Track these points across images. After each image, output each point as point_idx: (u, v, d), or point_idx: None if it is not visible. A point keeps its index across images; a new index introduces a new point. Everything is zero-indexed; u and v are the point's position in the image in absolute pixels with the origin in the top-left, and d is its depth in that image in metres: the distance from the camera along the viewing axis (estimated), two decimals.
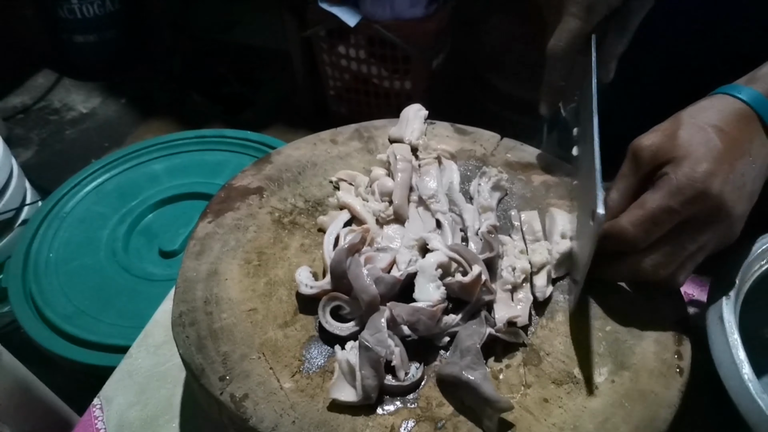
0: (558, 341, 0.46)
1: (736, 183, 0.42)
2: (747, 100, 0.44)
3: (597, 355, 0.45)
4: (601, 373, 0.44)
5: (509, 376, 0.44)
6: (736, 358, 0.42)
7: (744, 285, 0.48)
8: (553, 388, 0.43)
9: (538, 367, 0.45)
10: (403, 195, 0.55)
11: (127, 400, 0.55)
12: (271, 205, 0.57)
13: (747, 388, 0.41)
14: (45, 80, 2.21)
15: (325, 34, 1.60)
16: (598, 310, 0.48)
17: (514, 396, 0.43)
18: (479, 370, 0.42)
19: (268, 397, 0.43)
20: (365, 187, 0.58)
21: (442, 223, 0.53)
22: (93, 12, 2.03)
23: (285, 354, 0.46)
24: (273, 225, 0.56)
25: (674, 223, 0.42)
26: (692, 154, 0.42)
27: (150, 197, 1.08)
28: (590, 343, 0.46)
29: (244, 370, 0.44)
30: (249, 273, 0.52)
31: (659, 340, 0.46)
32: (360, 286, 0.46)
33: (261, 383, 0.44)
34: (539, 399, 0.43)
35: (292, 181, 0.60)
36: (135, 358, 0.59)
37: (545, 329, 0.47)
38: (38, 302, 0.92)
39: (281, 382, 0.44)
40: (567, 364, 0.45)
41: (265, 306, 0.49)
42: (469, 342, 0.43)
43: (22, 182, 1.34)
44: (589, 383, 0.43)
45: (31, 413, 0.80)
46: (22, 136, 2.00)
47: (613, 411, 0.42)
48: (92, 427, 0.54)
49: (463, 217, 0.54)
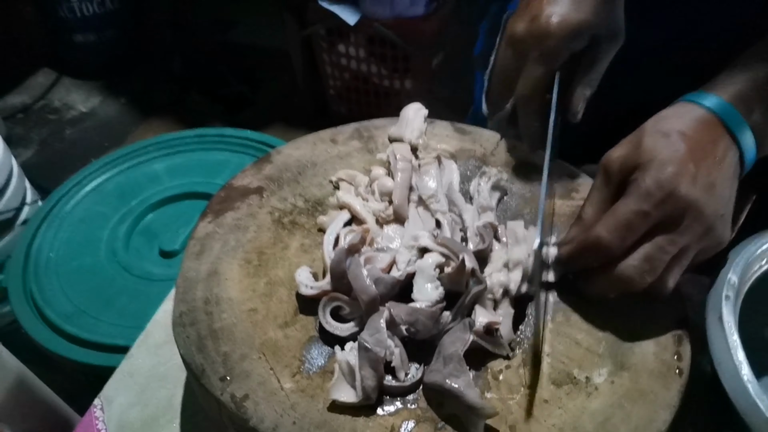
0: (558, 341, 0.46)
1: (703, 183, 0.42)
2: (709, 106, 0.45)
3: (597, 356, 0.45)
4: (600, 373, 0.44)
5: (509, 377, 0.44)
6: (735, 359, 0.42)
7: (744, 285, 0.48)
8: (553, 389, 0.43)
9: (536, 367, 0.45)
10: (403, 195, 0.55)
11: (128, 400, 0.55)
12: (271, 204, 0.57)
13: (746, 388, 0.41)
14: (45, 79, 2.21)
15: (324, 33, 1.60)
16: (598, 310, 0.48)
17: (513, 397, 0.43)
18: (462, 378, 0.41)
19: (269, 398, 0.43)
20: (365, 186, 0.57)
21: (441, 223, 0.53)
22: (93, 11, 2.03)
23: (285, 354, 0.46)
24: (273, 225, 0.56)
25: (648, 226, 0.43)
26: (657, 159, 0.43)
27: (150, 197, 1.08)
28: (590, 344, 0.46)
29: (245, 370, 0.44)
30: (249, 273, 0.52)
31: (659, 341, 0.46)
32: (359, 287, 0.46)
33: (261, 383, 0.44)
34: (539, 400, 0.43)
35: (292, 180, 0.60)
36: (136, 358, 0.59)
37: (545, 330, 0.47)
38: (38, 302, 0.92)
39: (282, 383, 0.44)
40: (567, 364, 0.45)
41: (266, 306, 0.49)
42: (451, 349, 0.43)
43: (22, 182, 1.34)
44: (588, 384, 0.43)
45: (31, 413, 0.80)
46: (22, 135, 2.00)
47: (613, 411, 0.42)
48: (93, 427, 0.54)
49: (463, 217, 0.54)
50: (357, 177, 0.59)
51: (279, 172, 0.60)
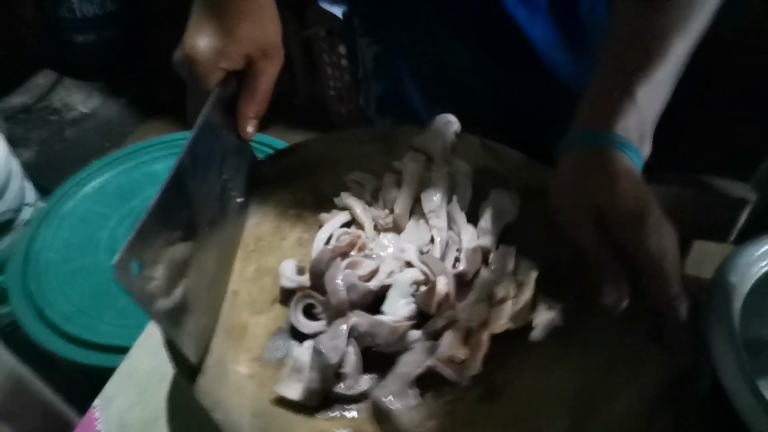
0: (523, 383, 0.43)
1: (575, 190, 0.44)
2: (617, 147, 0.44)
3: (556, 407, 0.42)
4: (554, 428, 0.41)
5: (460, 409, 0.42)
6: (735, 359, 0.42)
7: (744, 286, 0.48)
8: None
9: (493, 404, 0.42)
10: (406, 206, 0.54)
11: (128, 401, 0.55)
12: (280, 195, 0.57)
13: (746, 388, 0.41)
14: (45, 80, 2.21)
15: (325, 33, 1.60)
16: (576, 359, 0.44)
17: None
18: (403, 400, 0.41)
19: (220, 376, 0.43)
20: (372, 191, 0.57)
21: (434, 239, 0.52)
22: (93, 11, 2.03)
23: (250, 340, 0.47)
24: (277, 215, 0.56)
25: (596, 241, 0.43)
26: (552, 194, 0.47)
27: (150, 197, 1.06)
28: (553, 393, 0.43)
29: (209, 345, 0.45)
30: (242, 257, 0.52)
31: (631, 408, 0.41)
32: (331, 289, 0.46)
33: (219, 362, 0.44)
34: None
35: (307, 174, 0.59)
36: (135, 358, 0.59)
37: (513, 368, 0.45)
38: (38, 302, 0.92)
39: (237, 365, 0.45)
40: (523, 409, 0.42)
41: (248, 291, 0.50)
42: (404, 369, 0.43)
43: (22, 182, 1.34)
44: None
45: (31, 414, 0.80)
46: (22, 136, 2.00)
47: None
48: (93, 428, 0.54)
49: (461, 237, 0.53)
50: (369, 181, 0.58)
51: (297, 164, 0.59)
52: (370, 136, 0.62)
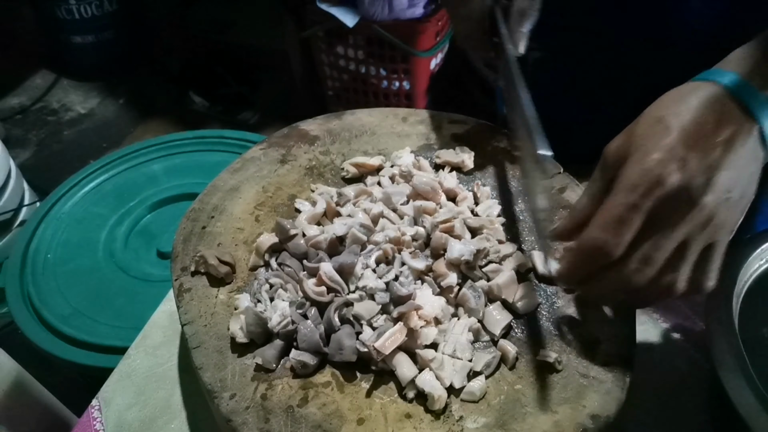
0: (476, 420, 0.42)
1: (697, 167, 0.39)
2: (721, 82, 0.41)
3: (487, 404, 0.43)
4: (476, 421, 0.41)
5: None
6: (735, 359, 0.42)
7: (743, 285, 0.48)
8: (421, 410, 0.42)
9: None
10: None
11: (126, 401, 0.55)
12: (314, 153, 0.63)
13: (747, 388, 0.40)
14: (43, 81, 2.20)
15: (323, 34, 1.60)
16: (529, 401, 0.43)
17: (383, 398, 0.43)
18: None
19: (202, 299, 0.50)
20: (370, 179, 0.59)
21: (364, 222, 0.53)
22: (91, 12, 2.02)
23: (237, 272, 0.52)
24: (305, 170, 0.61)
25: (641, 219, 0.40)
26: (643, 147, 0.40)
27: (148, 198, 1.08)
28: (492, 393, 0.43)
29: (200, 271, 0.52)
30: (259, 200, 0.58)
31: (559, 423, 0.41)
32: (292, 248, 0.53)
33: (205, 286, 0.51)
34: (401, 414, 0.42)
35: (346, 140, 0.64)
36: (133, 359, 0.59)
37: (470, 403, 0.43)
38: (36, 303, 0.91)
39: (219, 292, 0.50)
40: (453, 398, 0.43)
41: (252, 230, 0.55)
42: (348, 341, 0.45)
43: (20, 183, 1.34)
44: (457, 423, 0.41)
45: (29, 414, 0.80)
46: (20, 136, 2.00)
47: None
48: (91, 428, 0.54)
49: (402, 230, 0.52)
50: (368, 162, 0.60)
51: (340, 129, 0.65)
52: (417, 117, 0.66)
